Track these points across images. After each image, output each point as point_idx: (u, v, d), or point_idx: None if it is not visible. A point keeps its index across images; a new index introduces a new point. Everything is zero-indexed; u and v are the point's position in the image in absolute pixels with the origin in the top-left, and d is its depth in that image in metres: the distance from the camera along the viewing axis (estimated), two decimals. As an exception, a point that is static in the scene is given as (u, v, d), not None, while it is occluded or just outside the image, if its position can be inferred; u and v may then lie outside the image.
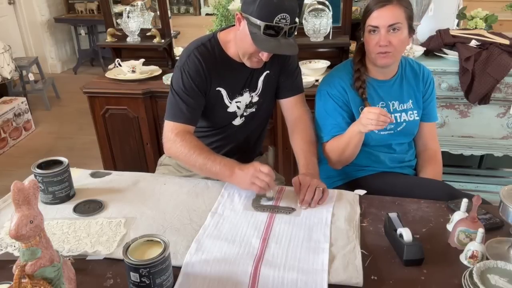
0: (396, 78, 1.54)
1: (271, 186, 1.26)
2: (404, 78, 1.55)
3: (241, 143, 1.62)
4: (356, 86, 1.49)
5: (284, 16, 1.25)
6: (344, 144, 1.45)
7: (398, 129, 1.55)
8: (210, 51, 1.43)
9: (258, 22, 1.26)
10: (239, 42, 1.38)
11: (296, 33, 1.36)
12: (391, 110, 1.53)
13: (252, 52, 1.35)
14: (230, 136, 1.59)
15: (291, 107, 1.56)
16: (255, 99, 1.53)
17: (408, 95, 1.55)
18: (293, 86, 1.56)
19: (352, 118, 1.51)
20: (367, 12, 1.42)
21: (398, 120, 1.55)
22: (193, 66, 1.41)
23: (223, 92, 1.47)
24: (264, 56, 1.34)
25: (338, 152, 1.48)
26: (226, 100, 1.49)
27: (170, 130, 1.41)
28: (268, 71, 1.50)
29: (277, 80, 1.55)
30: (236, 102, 1.50)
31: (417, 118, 1.58)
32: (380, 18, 1.38)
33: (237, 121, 1.56)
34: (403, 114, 1.55)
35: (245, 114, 1.55)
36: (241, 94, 1.50)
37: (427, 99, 1.59)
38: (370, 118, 1.30)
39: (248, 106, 1.53)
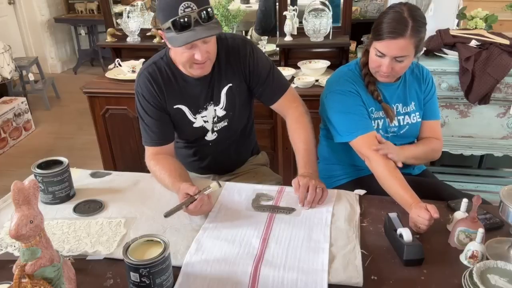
0: (400, 81, 1.52)
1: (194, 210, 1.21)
2: (407, 81, 1.53)
3: (221, 155, 1.60)
4: (370, 90, 1.46)
5: (188, 4, 1.21)
6: (389, 189, 1.33)
7: (401, 132, 1.54)
8: (162, 69, 1.41)
9: (167, 24, 1.24)
10: (173, 57, 1.38)
11: (215, 18, 1.27)
12: (395, 113, 1.52)
13: (186, 59, 1.31)
14: (207, 150, 1.58)
15: (283, 109, 1.53)
16: (221, 113, 1.48)
17: (411, 98, 1.54)
18: (274, 90, 1.50)
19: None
20: (378, 32, 1.34)
21: (401, 123, 1.53)
22: (144, 87, 1.41)
23: (184, 109, 1.45)
24: (199, 55, 1.28)
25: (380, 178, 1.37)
26: (190, 116, 1.47)
27: (146, 153, 1.47)
28: (230, 84, 1.45)
29: (245, 91, 1.50)
30: (202, 117, 1.48)
31: (419, 119, 1.56)
32: (388, 48, 1.33)
33: (210, 136, 1.53)
34: (406, 116, 1.53)
35: (215, 129, 1.52)
36: (205, 109, 1.47)
37: (428, 97, 1.57)
38: (420, 223, 1.18)
39: (217, 121, 1.50)
